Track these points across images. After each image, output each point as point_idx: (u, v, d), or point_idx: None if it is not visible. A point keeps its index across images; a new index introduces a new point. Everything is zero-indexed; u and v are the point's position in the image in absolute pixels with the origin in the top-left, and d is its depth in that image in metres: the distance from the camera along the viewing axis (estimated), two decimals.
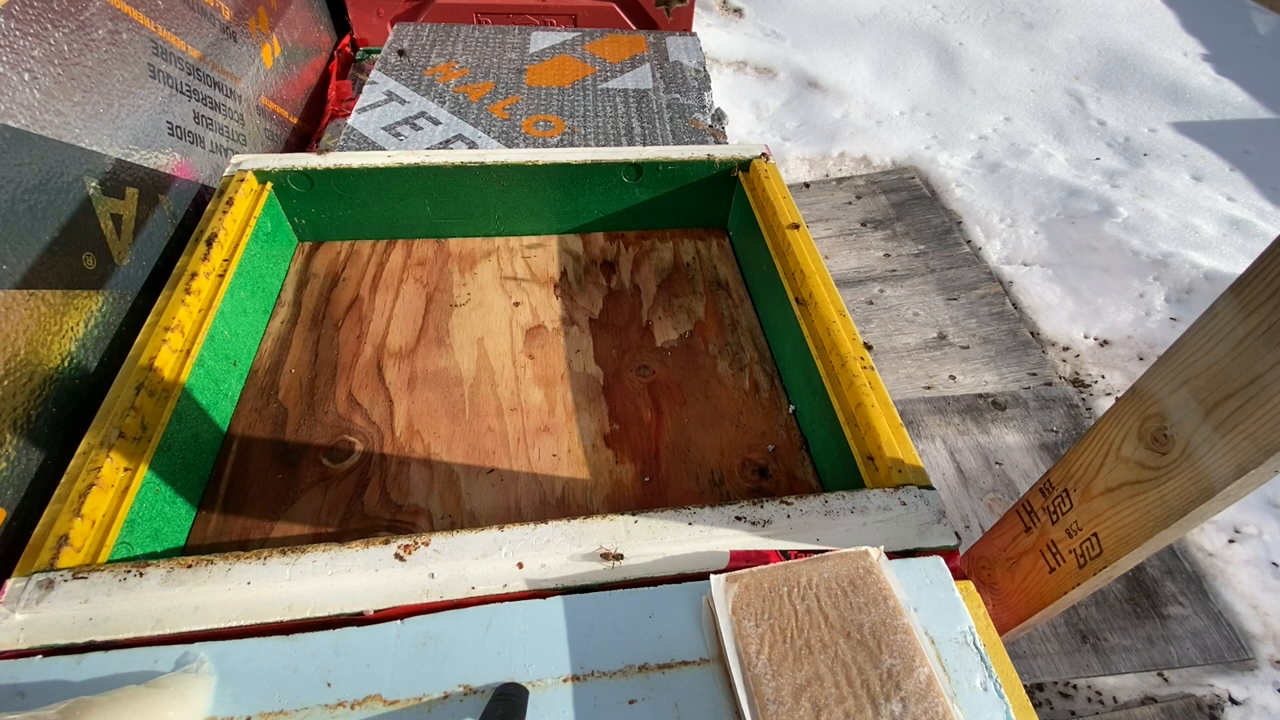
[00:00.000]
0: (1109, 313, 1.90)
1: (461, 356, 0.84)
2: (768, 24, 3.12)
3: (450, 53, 1.40)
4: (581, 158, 0.94)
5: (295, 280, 0.92)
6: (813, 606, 0.47)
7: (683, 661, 0.47)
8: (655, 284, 0.95)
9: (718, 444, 0.76)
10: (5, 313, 0.60)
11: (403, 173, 0.91)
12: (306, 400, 0.78)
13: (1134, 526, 0.53)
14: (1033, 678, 1.21)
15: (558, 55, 1.41)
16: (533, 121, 1.21)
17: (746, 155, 0.97)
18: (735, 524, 0.55)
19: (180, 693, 0.43)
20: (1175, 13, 3.23)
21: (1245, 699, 1.21)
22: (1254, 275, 0.42)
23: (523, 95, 1.28)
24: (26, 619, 0.48)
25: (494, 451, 0.74)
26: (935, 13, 3.19)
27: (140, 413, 0.62)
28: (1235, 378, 0.44)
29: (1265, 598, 1.34)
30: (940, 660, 0.47)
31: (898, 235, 2.15)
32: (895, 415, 0.64)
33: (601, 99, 1.28)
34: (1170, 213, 2.15)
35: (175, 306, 0.70)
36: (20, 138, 0.63)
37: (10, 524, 0.59)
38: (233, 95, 1.06)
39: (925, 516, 0.57)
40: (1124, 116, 2.67)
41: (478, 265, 0.96)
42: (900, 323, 1.88)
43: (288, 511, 0.68)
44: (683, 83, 1.34)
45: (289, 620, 0.49)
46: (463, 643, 0.47)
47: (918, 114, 2.68)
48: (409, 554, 0.52)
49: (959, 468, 1.52)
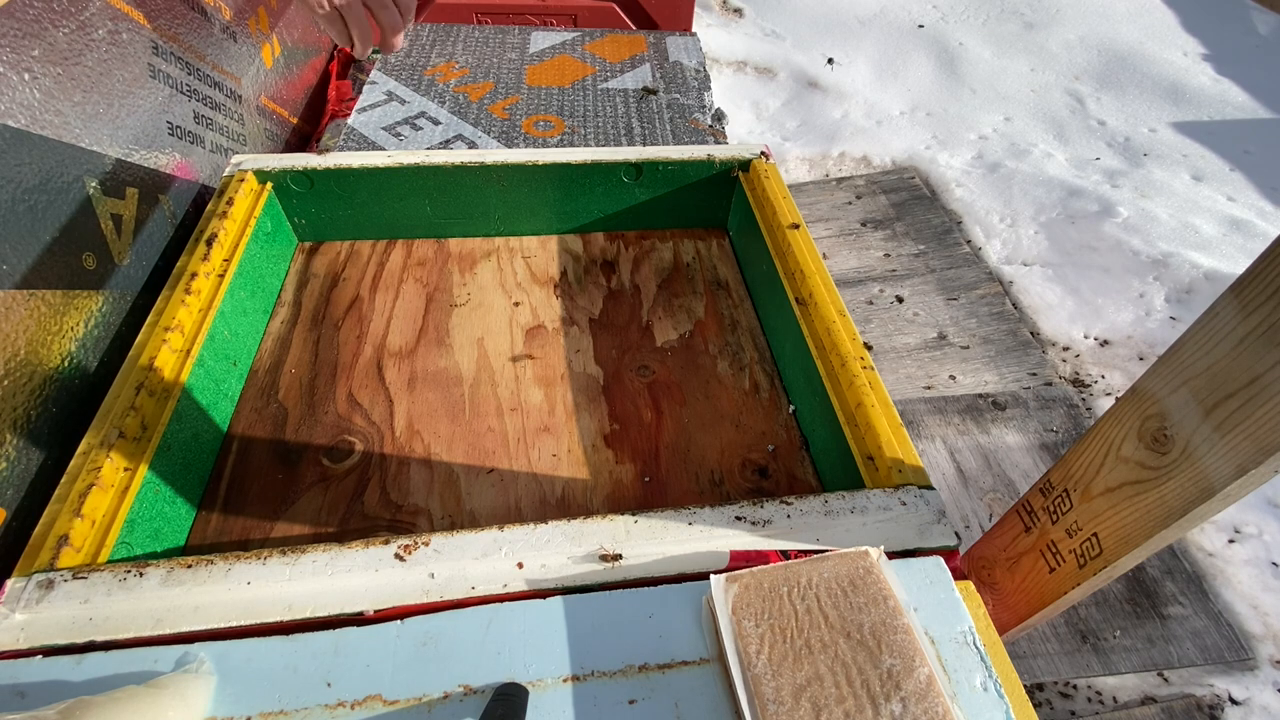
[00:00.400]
0: (1109, 313, 1.90)
1: (461, 356, 0.84)
2: (768, 24, 3.12)
3: (450, 53, 1.40)
4: (581, 158, 0.94)
5: (295, 280, 0.92)
6: (813, 606, 0.47)
7: (683, 661, 0.47)
8: (655, 284, 0.95)
9: (718, 444, 0.76)
10: (5, 313, 0.60)
11: (403, 173, 0.91)
12: (306, 400, 0.78)
13: (1134, 526, 0.53)
14: (1033, 678, 1.21)
15: (558, 55, 1.41)
16: (532, 121, 1.21)
17: (746, 155, 0.97)
18: (735, 524, 0.55)
19: (180, 693, 0.43)
20: (1175, 13, 3.23)
21: (1245, 699, 1.21)
22: (1254, 275, 0.42)
23: (523, 95, 1.28)
24: (26, 619, 0.48)
25: (494, 451, 0.74)
26: (935, 13, 3.19)
27: (140, 413, 0.62)
28: (1235, 378, 0.44)
29: (1265, 598, 1.34)
30: (940, 660, 0.47)
31: (898, 235, 2.15)
32: (895, 415, 0.64)
33: (601, 99, 1.28)
34: (1170, 213, 2.15)
35: (175, 306, 0.70)
36: (20, 138, 0.63)
37: (10, 524, 0.59)
38: (233, 95, 1.06)
39: (925, 516, 0.57)
40: (1124, 116, 2.67)
41: (478, 265, 0.96)
42: (900, 323, 1.88)
43: (288, 511, 0.68)
44: (683, 83, 1.34)
45: (289, 620, 0.49)
46: (463, 643, 0.47)
47: (918, 114, 2.68)
48: (409, 554, 0.52)
49: (959, 468, 1.52)
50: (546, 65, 1.38)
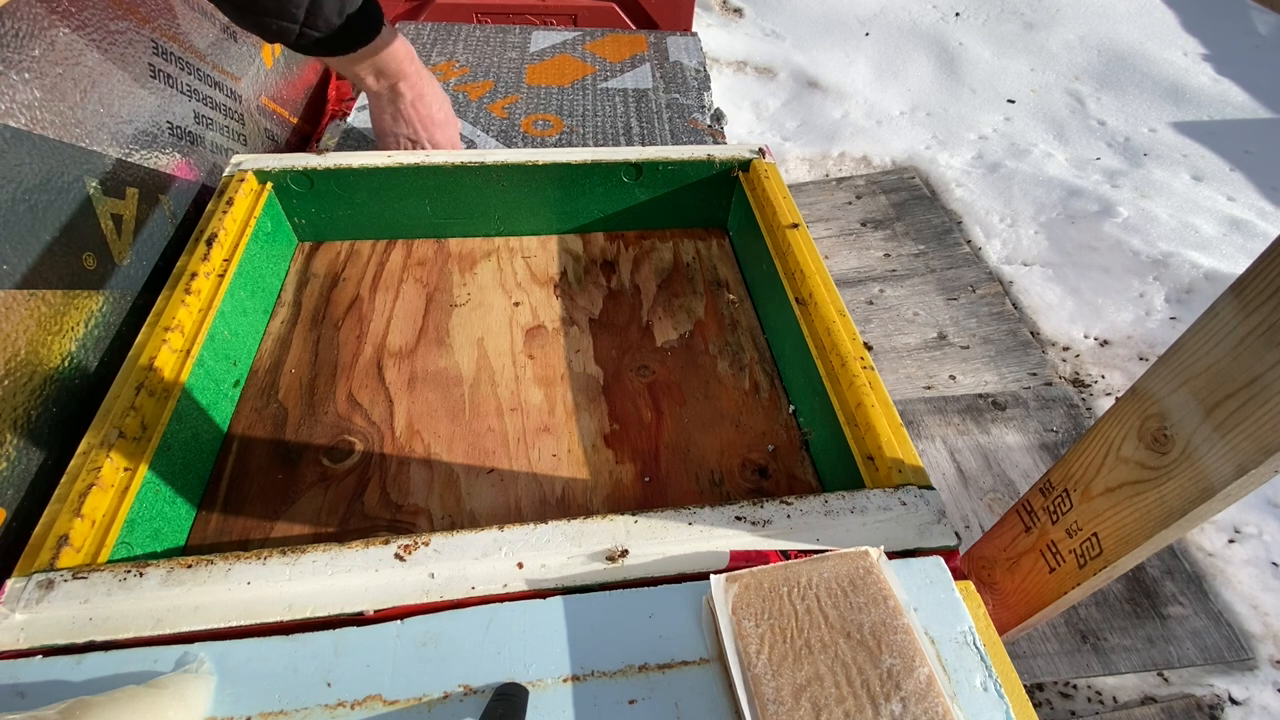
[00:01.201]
0: (1109, 313, 1.90)
1: (461, 356, 0.84)
2: (768, 24, 3.12)
3: (451, 52, 1.40)
4: (581, 158, 0.94)
5: (295, 280, 0.92)
6: (813, 606, 0.47)
7: (683, 661, 0.47)
8: (655, 284, 0.95)
9: (718, 444, 0.76)
10: (5, 313, 0.60)
11: (403, 172, 0.91)
12: (306, 400, 0.78)
13: (1134, 526, 0.53)
14: (1033, 678, 1.21)
15: (558, 55, 1.41)
16: (531, 121, 1.21)
17: (746, 155, 0.97)
18: (735, 524, 0.55)
19: (180, 693, 0.43)
20: (1175, 13, 3.23)
21: (1245, 699, 1.21)
22: (1254, 275, 0.42)
23: (522, 95, 1.28)
24: (26, 619, 0.48)
25: (494, 451, 0.74)
26: (935, 13, 3.19)
27: (140, 413, 0.62)
28: (1235, 378, 0.44)
29: (1265, 598, 1.34)
30: (940, 660, 0.47)
31: (898, 235, 2.15)
32: (895, 415, 0.64)
33: (601, 99, 1.28)
34: (1170, 213, 2.15)
35: (175, 306, 0.70)
36: (20, 138, 0.63)
37: (10, 524, 0.59)
38: (233, 95, 1.06)
39: (925, 516, 0.57)
40: (1124, 116, 2.67)
41: (478, 265, 0.96)
42: (900, 323, 1.88)
43: (288, 511, 0.68)
44: (683, 83, 1.34)
45: (289, 620, 0.48)
46: (463, 643, 0.47)
47: (918, 114, 2.68)
48: (409, 554, 0.52)
49: (959, 468, 1.52)
50: (547, 65, 1.38)
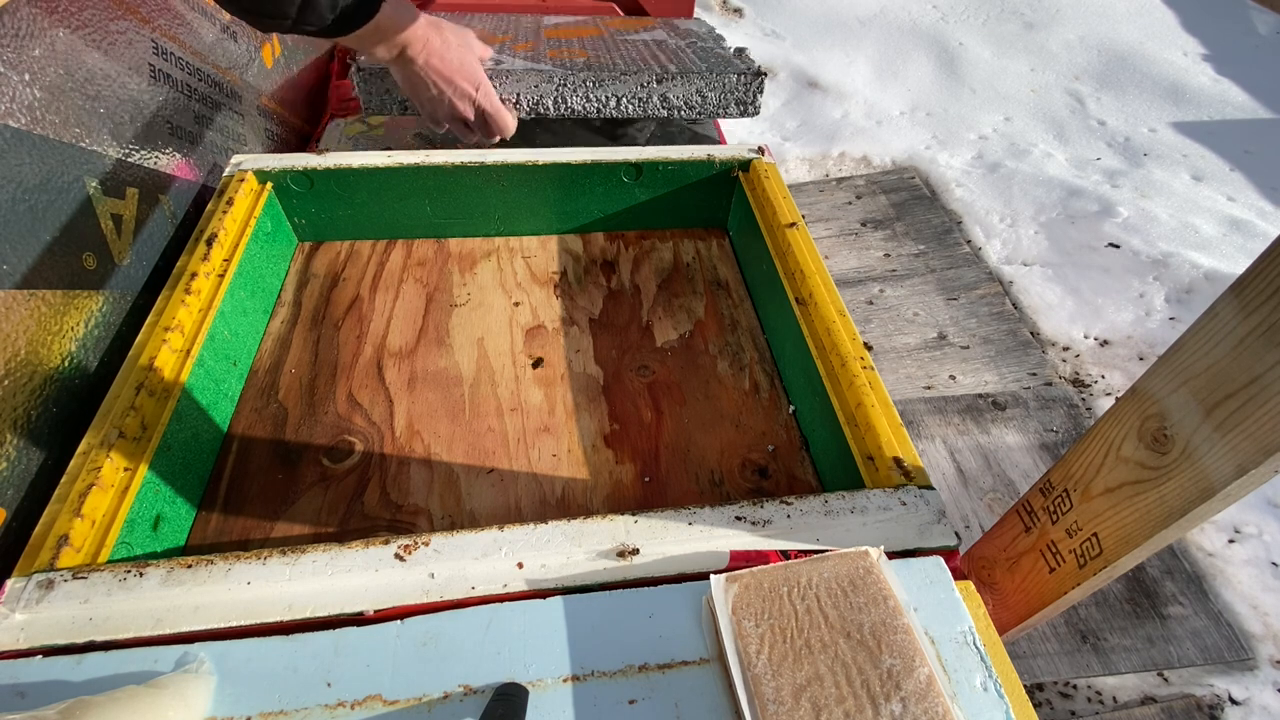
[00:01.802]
0: (1109, 313, 1.90)
1: (461, 356, 0.84)
2: (768, 24, 3.12)
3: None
4: (581, 158, 0.94)
5: (295, 280, 0.92)
6: (813, 606, 0.47)
7: (683, 661, 0.47)
8: (655, 284, 0.95)
9: (718, 444, 0.76)
10: (6, 313, 0.60)
11: (402, 172, 0.91)
12: (306, 400, 0.78)
13: (1134, 526, 0.53)
14: (1033, 678, 1.21)
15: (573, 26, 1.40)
16: (557, 53, 1.10)
17: (746, 155, 0.97)
18: (735, 524, 0.55)
19: (180, 693, 0.43)
20: (1175, 13, 3.23)
21: (1245, 699, 1.21)
22: (1254, 275, 0.42)
23: (543, 43, 1.22)
24: (26, 619, 0.48)
25: (494, 451, 0.74)
26: (935, 13, 3.19)
27: (140, 413, 0.62)
28: (1235, 378, 0.44)
29: (1265, 598, 1.34)
30: (940, 660, 0.47)
31: (898, 235, 2.15)
32: (895, 415, 0.64)
33: (622, 45, 1.23)
34: (1170, 213, 2.15)
35: (175, 306, 0.70)
36: (20, 138, 0.63)
37: (10, 524, 0.59)
38: (233, 95, 1.06)
39: (925, 516, 0.57)
40: (1124, 116, 2.67)
41: (478, 265, 0.96)
42: (900, 323, 1.88)
43: (288, 511, 0.68)
44: (699, 38, 1.32)
45: (289, 620, 0.49)
46: (463, 643, 0.47)
47: (918, 114, 2.68)
48: (409, 554, 0.52)
49: (959, 468, 1.52)
50: (563, 29, 1.35)
